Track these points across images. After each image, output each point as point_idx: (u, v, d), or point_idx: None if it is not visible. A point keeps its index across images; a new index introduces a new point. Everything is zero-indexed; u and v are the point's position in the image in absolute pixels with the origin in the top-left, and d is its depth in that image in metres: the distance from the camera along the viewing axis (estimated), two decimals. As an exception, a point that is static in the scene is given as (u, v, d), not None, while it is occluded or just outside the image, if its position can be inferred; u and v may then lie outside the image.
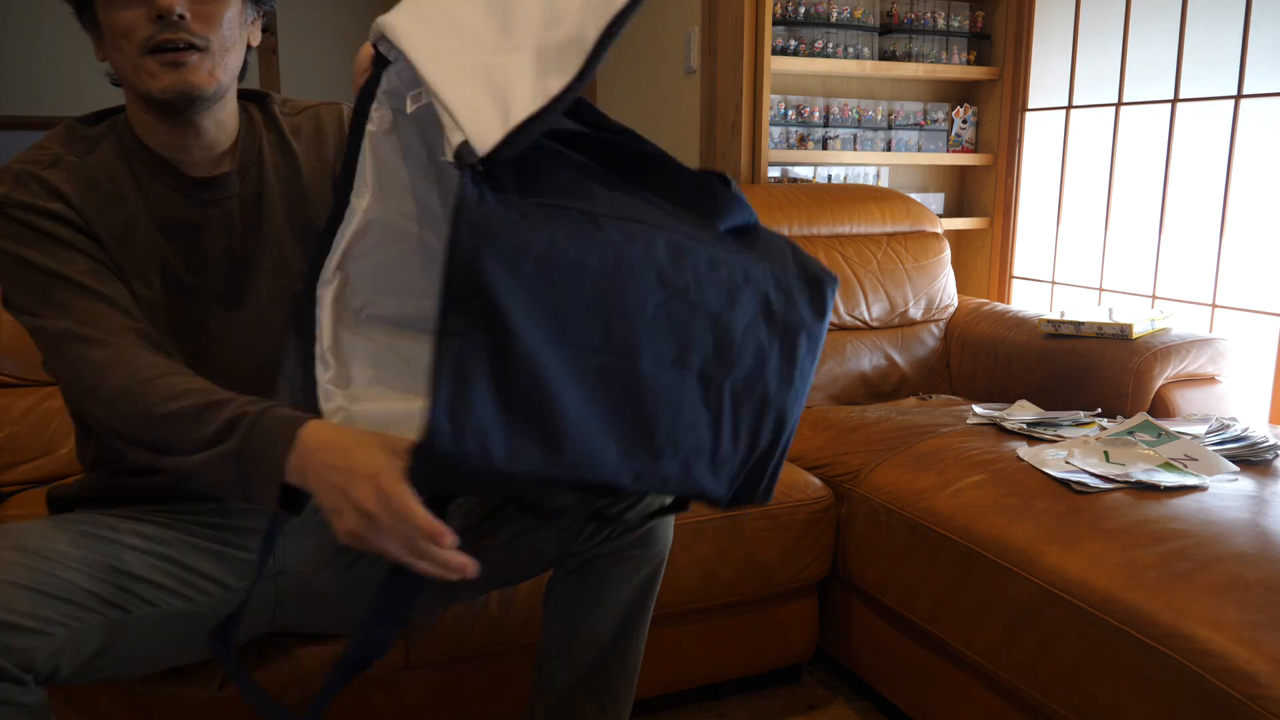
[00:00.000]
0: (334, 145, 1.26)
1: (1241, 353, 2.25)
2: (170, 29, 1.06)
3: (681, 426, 0.91)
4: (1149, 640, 1.24)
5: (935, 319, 2.52)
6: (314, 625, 1.33)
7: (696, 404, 0.92)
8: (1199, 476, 1.58)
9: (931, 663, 1.65)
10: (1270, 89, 2.24)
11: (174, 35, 1.06)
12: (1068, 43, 2.74)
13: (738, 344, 0.94)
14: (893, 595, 1.69)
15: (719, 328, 0.92)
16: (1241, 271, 2.34)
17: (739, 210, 1.01)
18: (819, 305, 1.01)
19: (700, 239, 0.92)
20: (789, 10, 2.66)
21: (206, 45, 1.09)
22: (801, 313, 0.99)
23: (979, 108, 2.99)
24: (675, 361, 0.90)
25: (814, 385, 2.31)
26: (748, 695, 1.89)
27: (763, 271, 0.96)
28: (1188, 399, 2.08)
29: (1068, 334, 2.21)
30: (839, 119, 2.81)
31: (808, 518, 1.77)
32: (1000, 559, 1.47)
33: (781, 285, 0.97)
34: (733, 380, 0.94)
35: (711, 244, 0.93)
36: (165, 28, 1.06)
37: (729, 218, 1.00)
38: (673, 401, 0.90)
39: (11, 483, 1.67)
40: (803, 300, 0.99)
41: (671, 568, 1.67)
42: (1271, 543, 1.34)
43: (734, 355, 0.94)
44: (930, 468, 1.72)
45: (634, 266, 0.86)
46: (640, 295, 0.87)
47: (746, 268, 0.94)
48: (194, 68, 1.09)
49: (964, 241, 3.09)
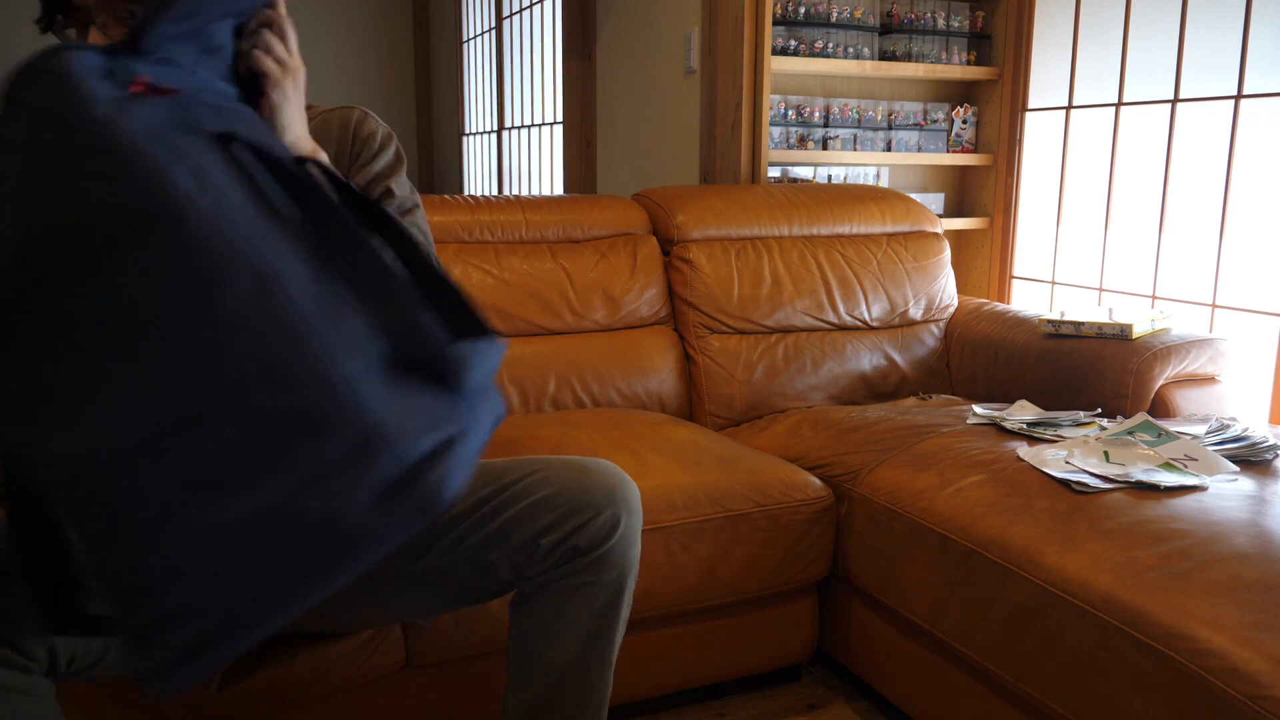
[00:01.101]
0: (334, 151, 1.26)
1: (1241, 353, 2.25)
2: None
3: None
4: (1149, 640, 1.24)
5: (935, 319, 2.52)
6: (314, 626, 1.33)
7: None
8: (1199, 476, 1.58)
9: (931, 663, 1.65)
10: (1270, 89, 2.24)
11: None
12: (1068, 43, 2.74)
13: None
14: (893, 595, 1.69)
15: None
16: (1241, 271, 2.34)
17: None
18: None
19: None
20: (789, 10, 2.66)
21: None
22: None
23: (979, 108, 2.99)
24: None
25: (814, 385, 2.31)
26: (748, 695, 1.89)
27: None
28: (1188, 399, 2.08)
29: (1068, 334, 2.21)
30: (839, 119, 2.81)
31: (808, 518, 1.77)
32: (1000, 559, 1.47)
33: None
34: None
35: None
36: None
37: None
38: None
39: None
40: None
41: (671, 568, 1.67)
42: (1271, 543, 1.34)
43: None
44: (930, 468, 1.72)
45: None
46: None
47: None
48: None
49: (964, 241, 3.09)
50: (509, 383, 2.07)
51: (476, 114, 5.78)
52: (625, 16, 3.48)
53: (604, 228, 2.30)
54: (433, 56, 6.41)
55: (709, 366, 2.24)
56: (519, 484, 1.21)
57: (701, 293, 2.27)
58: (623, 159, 3.62)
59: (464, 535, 1.21)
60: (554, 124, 4.53)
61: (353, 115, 1.28)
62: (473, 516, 1.21)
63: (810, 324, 2.35)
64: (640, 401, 2.18)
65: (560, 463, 1.25)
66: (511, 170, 5.21)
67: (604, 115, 3.76)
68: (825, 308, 2.37)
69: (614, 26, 3.58)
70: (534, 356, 2.11)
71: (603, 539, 1.20)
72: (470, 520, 1.21)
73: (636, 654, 1.72)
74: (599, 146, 3.84)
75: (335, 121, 1.28)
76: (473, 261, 2.11)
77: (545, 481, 1.21)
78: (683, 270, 2.28)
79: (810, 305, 2.35)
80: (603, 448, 1.76)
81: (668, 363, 2.22)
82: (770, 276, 2.32)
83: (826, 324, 2.37)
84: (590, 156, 3.90)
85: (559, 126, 4.32)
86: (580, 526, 1.19)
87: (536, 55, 4.73)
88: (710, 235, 2.34)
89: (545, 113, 4.66)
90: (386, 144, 1.30)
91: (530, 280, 2.14)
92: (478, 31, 5.62)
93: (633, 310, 2.24)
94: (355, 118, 1.28)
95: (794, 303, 2.33)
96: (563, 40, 3.89)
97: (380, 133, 1.29)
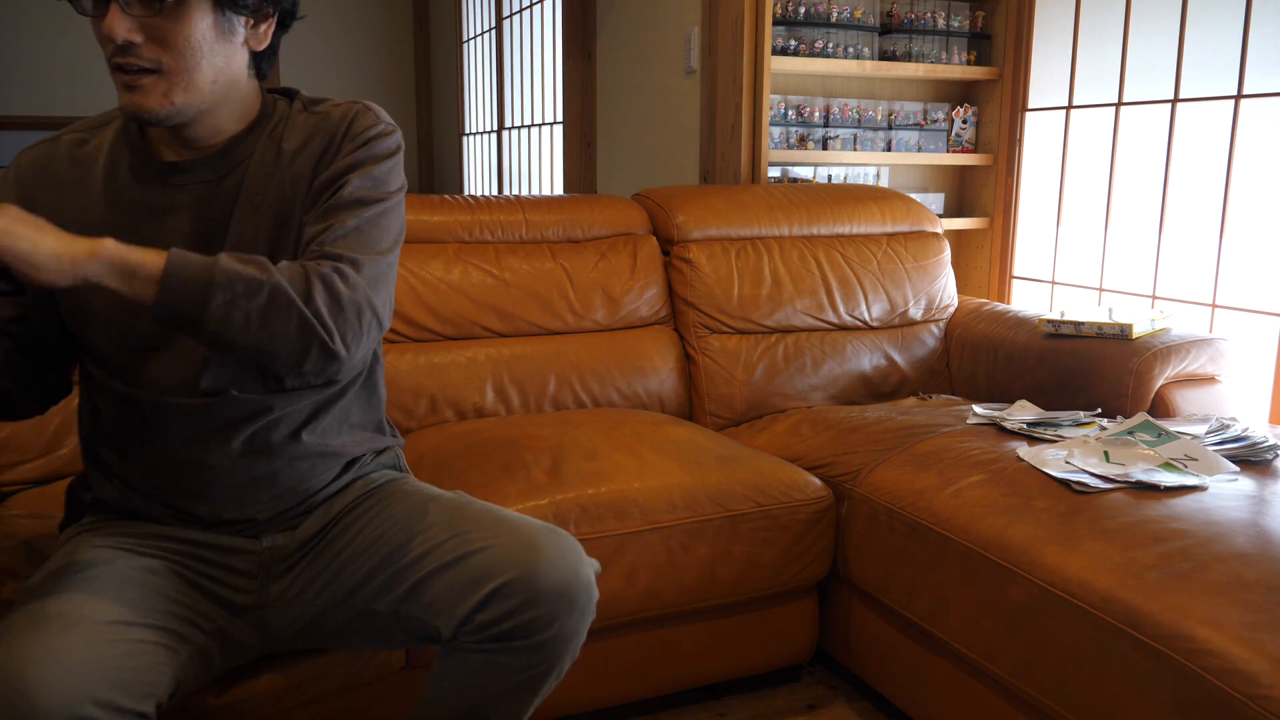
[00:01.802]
0: (319, 149, 1.22)
1: (1241, 353, 2.25)
2: (121, 53, 1.09)
3: None
4: (1149, 640, 1.24)
5: (935, 319, 2.52)
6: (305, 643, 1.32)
7: None
8: (1199, 476, 1.58)
9: (931, 663, 1.65)
10: (1270, 89, 2.24)
11: (124, 60, 1.09)
12: (1068, 43, 2.74)
13: None
14: (893, 595, 1.69)
15: None
16: (1241, 271, 2.34)
17: None
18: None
19: None
20: (789, 10, 2.66)
21: (159, 68, 1.10)
22: None
23: (979, 108, 2.99)
24: None
25: (814, 385, 2.31)
26: (748, 695, 1.89)
27: None
28: (1188, 399, 2.08)
29: (1068, 334, 2.21)
30: (839, 119, 2.81)
31: (808, 518, 1.77)
32: (1000, 559, 1.47)
33: None
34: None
35: None
36: (118, 51, 1.09)
37: None
38: None
39: (12, 482, 1.67)
40: None
41: (671, 568, 1.67)
42: (1271, 543, 1.34)
43: None
44: (930, 468, 1.72)
45: None
46: None
47: None
48: (146, 90, 1.11)
49: (964, 241, 3.09)
50: (509, 382, 2.07)
51: (476, 114, 5.78)
52: (625, 16, 3.48)
53: (604, 228, 2.30)
54: (433, 56, 6.41)
55: (709, 366, 2.24)
56: (470, 550, 1.17)
57: (701, 293, 2.27)
58: (623, 159, 3.62)
59: (397, 582, 1.20)
60: (554, 124, 4.53)
61: (354, 109, 1.25)
62: (414, 565, 1.19)
63: (810, 324, 2.35)
64: (640, 401, 2.18)
65: (519, 531, 1.19)
66: (511, 170, 5.21)
67: (604, 115, 3.76)
68: (825, 308, 2.37)
69: (614, 26, 3.58)
70: (534, 356, 2.11)
71: (538, 631, 1.15)
72: (409, 569, 1.19)
73: (636, 654, 1.72)
74: (599, 146, 3.84)
75: (336, 114, 1.24)
76: (473, 261, 2.11)
77: (495, 557, 1.16)
78: (683, 270, 2.28)
79: (810, 305, 2.35)
80: (603, 448, 1.76)
81: (668, 363, 2.22)
82: (770, 276, 2.32)
83: (826, 324, 2.37)
84: (590, 156, 3.90)
85: (559, 126, 4.32)
86: (517, 611, 1.14)
87: (536, 55, 4.73)
88: (710, 235, 2.34)
89: (545, 113, 4.66)
90: (378, 138, 1.23)
91: (530, 280, 2.14)
92: (478, 31, 5.62)
93: (633, 310, 2.24)
94: (355, 111, 1.24)
95: (794, 303, 2.33)
96: (563, 40, 3.89)
97: (377, 127, 1.23)
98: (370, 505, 1.29)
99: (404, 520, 1.25)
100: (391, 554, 1.22)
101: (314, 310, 1.09)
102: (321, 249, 1.14)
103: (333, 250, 1.14)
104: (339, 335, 1.11)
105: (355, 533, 1.26)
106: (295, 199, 1.21)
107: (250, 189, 1.20)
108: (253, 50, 1.20)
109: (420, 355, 2.02)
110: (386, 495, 1.30)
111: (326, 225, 1.16)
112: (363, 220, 1.17)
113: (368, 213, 1.18)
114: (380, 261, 1.17)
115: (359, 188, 1.18)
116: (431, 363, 2.02)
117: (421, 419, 2.00)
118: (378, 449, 1.37)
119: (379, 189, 1.21)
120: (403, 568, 1.21)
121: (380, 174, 1.21)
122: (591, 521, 1.62)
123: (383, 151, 1.22)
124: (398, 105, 6.47)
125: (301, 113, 1.25)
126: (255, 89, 1.24)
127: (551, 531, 1.21)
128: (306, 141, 1.23)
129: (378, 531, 1.25)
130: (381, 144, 1.22)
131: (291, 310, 1.07)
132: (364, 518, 1.27)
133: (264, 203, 1.21)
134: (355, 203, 1.18)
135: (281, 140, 1.23)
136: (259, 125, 1.23)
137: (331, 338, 1.10)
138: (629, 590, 1.65)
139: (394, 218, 1.22)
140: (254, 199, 1.20)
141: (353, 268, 1.13)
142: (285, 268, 1.10)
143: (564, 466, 1.69)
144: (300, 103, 1.26)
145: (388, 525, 1.25)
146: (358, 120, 1.23)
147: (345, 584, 1.24)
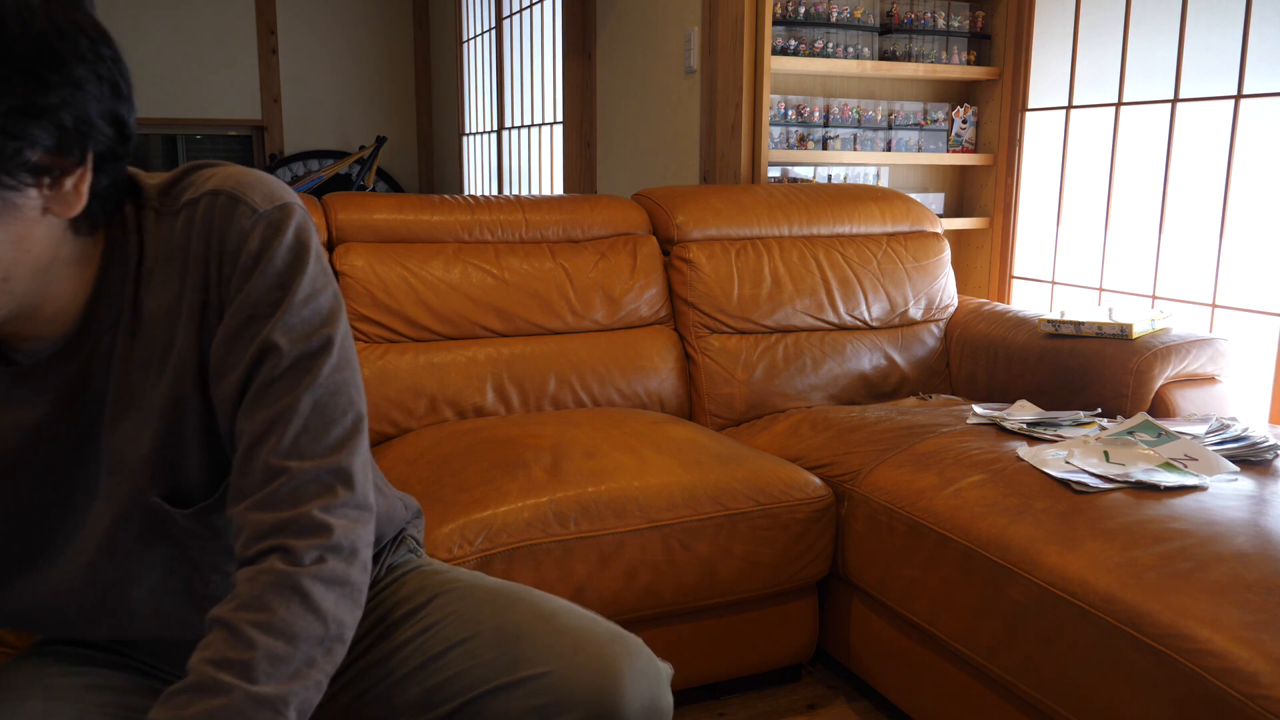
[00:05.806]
0: (198, 292, 0.86)
1: (1241, 353, 2.25)
2: None
3: None
4: (1149, 640, 1.24)
5: (935, 319, 2.52)
6: None
7: None
8: (1199, 476, 1.58)
9: (931, 663, 1.65)
10: (1270, 89, 2.24)
11: None
12: (1068, 43, 2.74)
13: None
14: (893, 595, 1.69)
15: None
16: (1241, 271, 2.34)
17: None
18: None
19: None
20: (789, 10, 2.66)
21: None
22: None
23: (979, 108, 2.99)
24: None
25: (814, 385, 2.31)
26: (748, 695, 1.89)
27: None
28: (1188, 399, 2.08)
29: (1068, 334, 2.21)
30: (839, 119, 2.81)
31: (808, 517, 1.77)
32: (1000, 559, 1.48)
33: None
34: None
35: None
36: None
37: None
38: None
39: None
40: None
41: (671, 566, 1.67)
42: (1271, 543, 1.34)
43: None
44: (930, 468, 1.72)
45: None
46: None
47: None
48: None
49: (964, 241, 3.09)
50: (509, 382, 2.07)
51: (476, 114, 5.78)
52: (625, 16, 3.48)
53: (604, 228, 2.30)
54: (433, 56, 6.42)
55: (709, 366, 2.24)
56: (530, 674, 0.94)
57: (701, 293, 2.27)
58: (623, 159, 3.63)
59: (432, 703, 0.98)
60: (554, 124, 4.53)
61: (214, 208, 0.86)
62: (456, 685, 0.96)
63: (810, 324, 2.35)
64: (640, 401, 2.18)
65: (584, 645, 0.95)
66: (511, 170, 5.22)
67: (604, 115, 3.76)
68: (825, 308, 2.37)
69: (614, 26, 3.59)
70: (534, 356, 2.11)
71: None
72: (448, 690, 0.97)
73: (636, 654, 1.72)
74: (599, 146, 3.84)
75: (199, 227, 0.86)
76: (473, 261, 2.11)
77: (563, 683, 0.93)
78: (683, 270, 2.28)
79: (810, 305, 2.35)
80: (603, 446, 1.76)
81: (668, 363, 2.23)
82: (770, 276, 2.32)
83: (826, 324, 2.37)
84: (590, 156, 3.90)
85: (559, 126, 4.32)
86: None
87: (536, 55, 4.73)
88: (710, 235, 2.34)
89: (545, 112, 4.66)
90: (266, 251, 0.85)
91: (530, 280, 2.14)
92: (478, 31, 5.62)
93: (633, 310, 2.24)
94: (218, 224, 0.86)
95: (794, 303, 2.33)
96: (563, 40, 3.89)
97: (255, 233, 0.85)
98: (389, 609, 1.05)
99: (438, 625, 1.01)
100: (422, 669, 0.99)
101: (336, 621, 0.85)
102: (284, 489, 0.84)
103: (300, 483, 0.84)
104: (364, 587, 0.88)
105: (383, 649, 1.03)
106: (185, 370, 0.88)
107: (119, 387, 0.88)
108: (65, 216, 0.81)
109: (420, 355, 2.02)
110: (405, 593, 1.06)
111: (269, 426, 0.84)
112: (317, 395, 0.86)
113: (318, 380, 0.86)
114: (347, 418, 0.88)
115: (287, 348, 0.85)
116: (431, 362, 2.02)
117: (421, 418, 2.00)
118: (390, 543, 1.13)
119: (311, 327, 0.86)
120: (437, 687, 0.97)
121: (299, 305, 0.86)
122: (591, 519, 1.62)
123: (283, 266, 0.86)
124: (398, 105, 6.47)
125: (155, 225, 0.88)
126: (91, 240, 0.85)
127: (623, 642, 0.96)
128: (179, 278, 0.87)
129: (411, 644, 1.01)
130: (277, 257, 0.85)
131: (325, 640, 0.84)
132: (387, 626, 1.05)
133: (140, 394, 0.88)
134: (292, 371, 0.85)
135: (142, 294, 0.88)
136: (106, 286, 0.86)
137: (362, 592, 0.88)
138: (628, 589, 1.65)
139: (345, 348, 0.89)
140: (125, 397, 0.89)
141: (333, 495, 0.85)
142: (276, 603, 0.81)
143: (564, 465, 1.69)
144: (151, 209, 0.88)
145: (415, 632, 1.01)
146: (228, 234, 0.86)
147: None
